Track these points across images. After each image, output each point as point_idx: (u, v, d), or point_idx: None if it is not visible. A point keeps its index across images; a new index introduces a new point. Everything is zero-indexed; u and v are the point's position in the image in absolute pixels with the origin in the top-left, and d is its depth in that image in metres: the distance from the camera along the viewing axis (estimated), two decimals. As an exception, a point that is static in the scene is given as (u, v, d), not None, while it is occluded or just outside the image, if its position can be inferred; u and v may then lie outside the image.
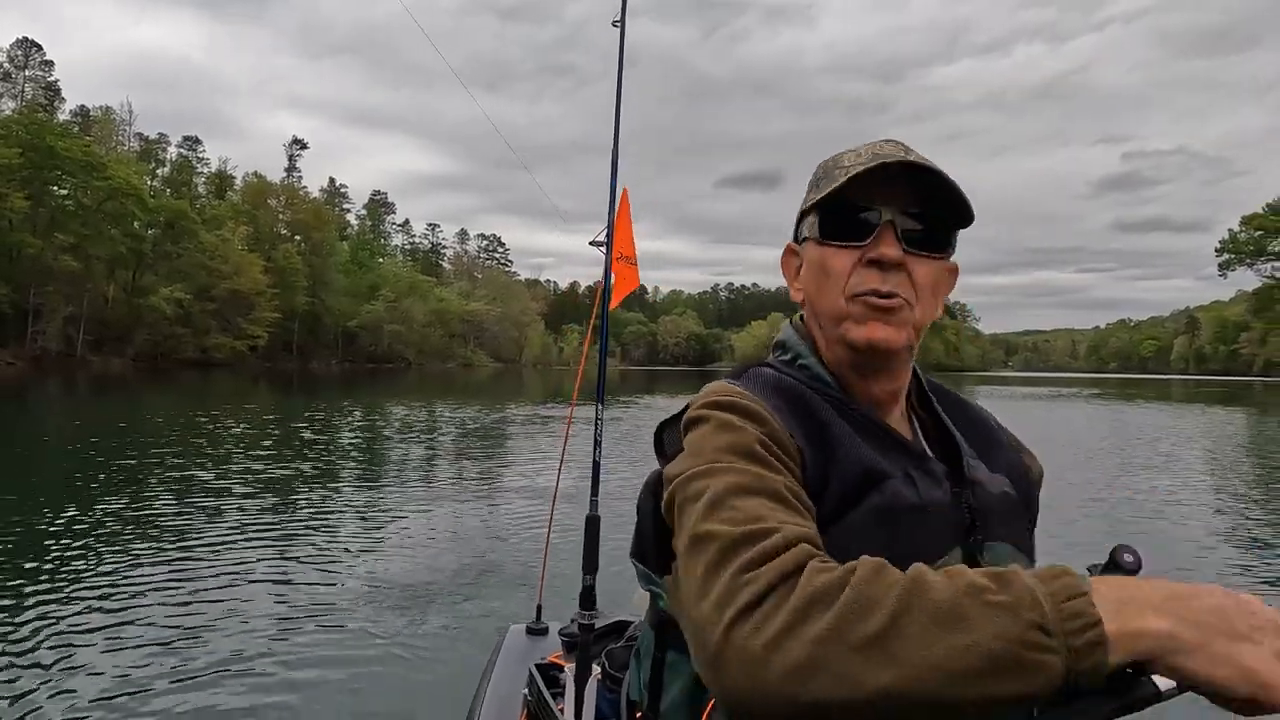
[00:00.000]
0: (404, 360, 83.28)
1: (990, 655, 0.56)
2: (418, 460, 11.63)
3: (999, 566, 0.64)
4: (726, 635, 0.61)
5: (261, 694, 3.36)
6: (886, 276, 0.87)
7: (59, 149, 48.38)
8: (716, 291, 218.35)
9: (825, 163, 0.95)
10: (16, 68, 65.04)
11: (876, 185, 0.86)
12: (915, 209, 0.88)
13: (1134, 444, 15.33)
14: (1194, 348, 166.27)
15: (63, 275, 49.57)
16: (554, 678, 1.90)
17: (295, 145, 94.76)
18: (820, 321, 0.93)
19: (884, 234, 0.87)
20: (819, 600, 0.60)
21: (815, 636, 0.58)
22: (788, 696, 0.58)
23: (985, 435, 1.00)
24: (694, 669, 0.72)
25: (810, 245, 0.93)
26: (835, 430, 0.86)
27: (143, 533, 6.27)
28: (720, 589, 0.64)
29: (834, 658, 0.57)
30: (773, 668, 0.58)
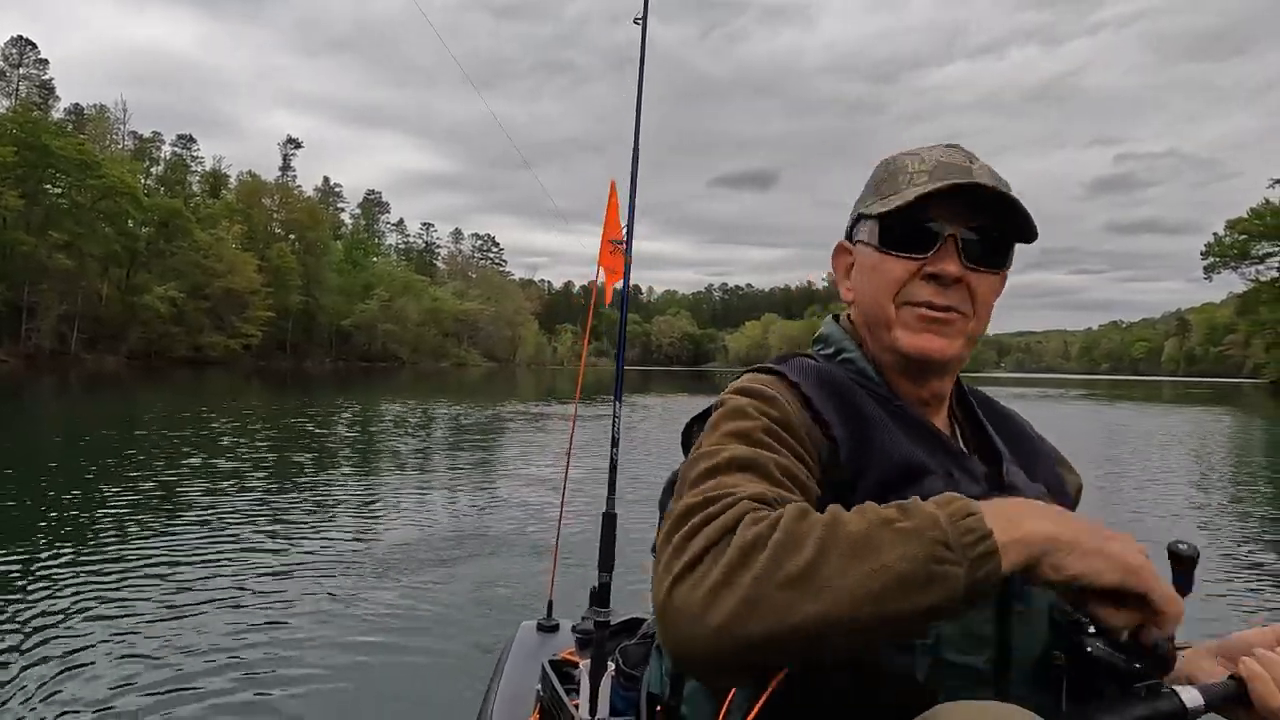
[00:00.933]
0: (398, 359, 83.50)
1: (900, 575, 0.62)
2: (421, 458, 11.66)
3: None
4: (670, 593, 0.66)
5: (270, 692, 3.36)
6: (944, 291, 0.88)
7: (53, 147, 48.54)
8: (710, 292, 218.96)
9: (886, 164, 0.95)
10: (11, 66, 65.18)
11: (940, 197, 0.86)
12: (978, 223, 0.88)
13: (1108, 442, 15.77)
14: (1184, 349, 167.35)
15: (57, 273, 49.70)
16: (568, 674, 1.91)
17: (290, 144, 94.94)
18: (871, 325, 0.94)
19: (945, 249, 0.87)
20: (751, 548, 0.65)
21: (748, 580, 0.63)
22: (728, 641, 0.62)
23: (1027, 445, 1.01)
24: None
25: (866, 249, 0.93)
26: (876, 422, 0.87)
27: (140, 530, 6.26)
28: (670, 552, 0.69)
29: (766, 596, 0.62)
30: (712, 616, 0.63)
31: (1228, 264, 52.78)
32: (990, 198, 0.86)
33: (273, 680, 3.47)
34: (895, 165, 0.93)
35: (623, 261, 2.89)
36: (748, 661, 0.65)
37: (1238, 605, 4.80)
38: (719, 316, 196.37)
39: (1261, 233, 50.45)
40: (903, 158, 0.93)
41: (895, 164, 0.93)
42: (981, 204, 0.87)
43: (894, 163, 0.94)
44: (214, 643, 3.88)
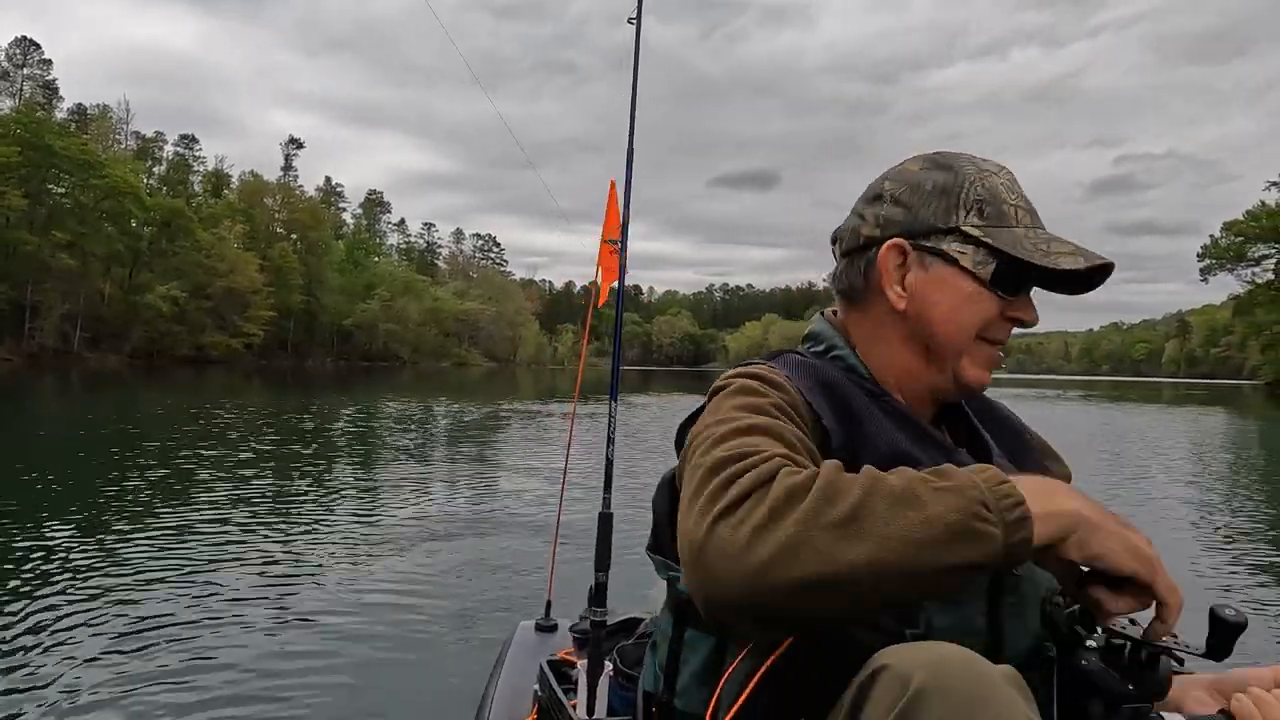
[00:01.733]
0: (399, 359, 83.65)
1: (947, 525, 0.63)
2: (418, 458, 11.56)
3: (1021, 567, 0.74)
4: (710, 531, 0.65)
5: (265, 690, 3.34)
6: (1009, 331, 0.91)
7: (57, 148, 48.78)
8: (711, 292, 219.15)
9: (977, 178, 0.91)
10: (15, 66, 65.36)
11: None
12: (1070, 278, 0.90)
13: (1096, 437, 15.92)
14: (1185, 351, 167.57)
15: (60, 273, 49.91)
16: (565, 674, 1.91)
17: (291, 145, 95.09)
18: (932, 346, 0.91)
19: (1027, 296, 0.91)
20: (795, 494, 0.65)
21: (795, 520, 0.63)
22: (773, 581, 0.62)
23: (1014, 438, 1.02)
24: (710, 643, 0.84)
25: (959, 273, 0.89)
26: (866, 416, 0.88)
27: (139, 526, 6.25)
28: (705, 498, 0.69)
29: (813, 538, 0.62)
30: (757, 553, 0.62)
31: (1224, 266, 52.96)
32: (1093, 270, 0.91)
33: (268, 679, 3.44)
34: (993, 189, 0.90)
35: (619, 261, 2.86)
36: (784, 607, 0.64)
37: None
38: (719, 317, 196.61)
39: (1257, 235, 50.61)
40: (991, 178, 0.91)
41: (989, 185, 0.91)
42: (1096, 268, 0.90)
43: (986, 182, 0.91)
44: (209, 639, 3.85)
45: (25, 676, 3.40)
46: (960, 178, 0.91)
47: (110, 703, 3.19)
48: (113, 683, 3.37)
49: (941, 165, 0.93)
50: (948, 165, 0.93)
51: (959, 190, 0.90)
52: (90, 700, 3.21)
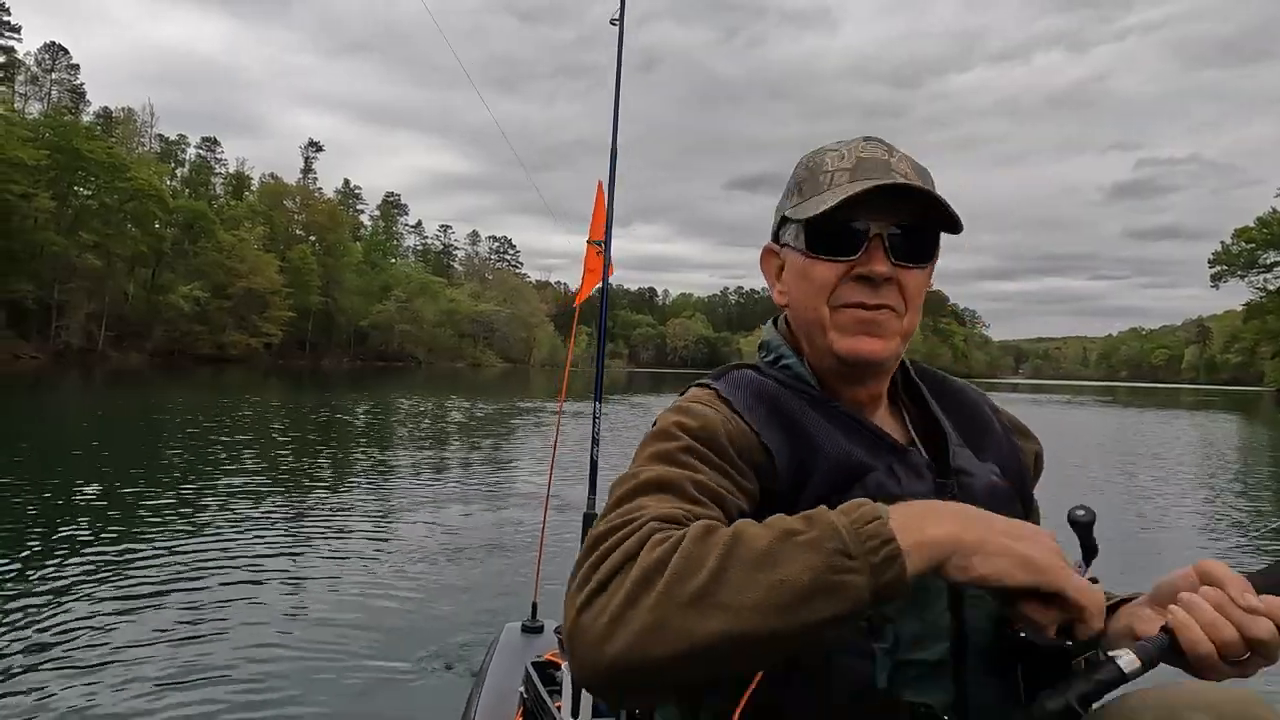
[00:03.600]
0: (414, 359, 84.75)
1: (801, 586, 0.63)
2: (413, 458, 11.59)
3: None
4: (576, 620, 0.66)
5: (252, 691, 3.35)
6: (875, 291, 0.87)
7: (84, 151, 50.18)
8: (726, 295, 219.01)
9: (806, 162, 0.94)
10: (44, 71, 67.04)
11: (864, 196, 0.85)
12: (904, 222, 0.87)
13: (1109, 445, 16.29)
14: (1205, 357, 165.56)
15: (85, 272, 51.31)
16: (551, 675, 1.91)
17: (311, 147, 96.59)
18: (806, 329, 0.93)
19: (873, 249, 0.87)
20: (653, 570, 0.65)
21: (650, 604, 0.64)
22: (635, 661, 0.63)
23: (977, 422, 1.01)
24: None
25: (794, 253, 0.92)
26: (814, 428, 0.88)
27: (136, 520, 6.42)
28: (580, 577, 0.70)
29: (669, 617, 0.63)
30: (616, 641, 0.63)
31: (1235, 272, 52.73)
32: (912, 193, 0.86)
33: (252, 680, 3.45)
34: (815, 163, 0.92)
35: (603, 262, 2.86)
36: (654, 683, 0.65)
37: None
38: (734, 320, 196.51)
39: (1268, 241, 50.36)
40: (822, 155, 0.92)
41: (815, 162, 0.92)
42: (904, 200, 0.86)
43: (814, 160, 0.93)
44: (201, 638, 3.89)
45: (32, 667, 3.48)
46: (796, 167, 0.95)
47: (94, 694, 3.23)
48: (99, 675, 3.43)
49: (802, 161, 0.96)
50: (805, 158, 0.96)
51: (792, 180, 0.95)
52: (78, 691, 3.28)
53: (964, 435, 0.97)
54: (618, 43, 2.73)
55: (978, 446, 0.97)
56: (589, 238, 2.87)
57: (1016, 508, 0.94)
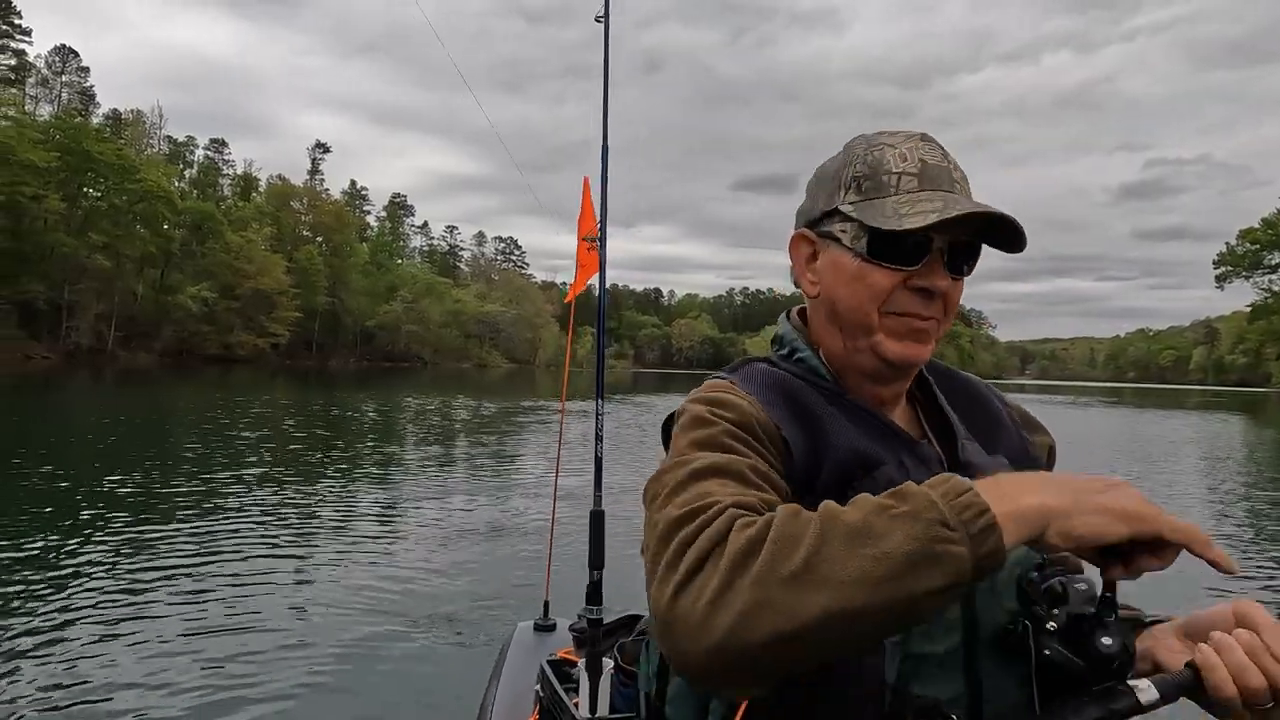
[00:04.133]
0: (420, 359, 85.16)
1: (905, 556, 0.62)
2: (422, 458, 11.66)
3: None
4: (672, 606, 0.66)
5: (269, 690, 3.34)
6: (928, 301, 0.88)
7: (94, 153, 50.65)
8: (731, 295, 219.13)
9: (863, 155, 0.90)
10: (54, 74, 67.63)
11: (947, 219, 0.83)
12: (967, 238, 0.87)
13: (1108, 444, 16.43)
14: (1213, 358, 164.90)
15: (95, 273, 51.79)
16: (566, 673, 1.91)
17: (318, 149, 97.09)
18: (844, 327, 0.92)
19: (933, 262, 0.86)
20: (748, 552, 0.65)
21: (751, 582, 0.63)
22: (738, 646, 0.62)
23: (987, 416, 1.01)
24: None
25: (845, 252, 0.90)
26: (827, 420, 0.88)
27: (151, 517, 6.50)
28: (664, 565, 0.69)
29: (771, 595, 0.62)
30: (717, 623, 0.63)
31: (1239, 273, 52.65)
32: (1005, 222, 0.85)
33: (272, 677, 3.45)
34: (875, 161, 0.89)
35: (597, 258, 2.85)
36: (759, 668, 0.64)
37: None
38: (739, 320, 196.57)
39: (1273, 242, 50.27)
40: (881, 150, 0.90)
41: (875, 159, 0.89)
42: (973, 221, 0.85)
43: (873, 156, 0.90)
44: (218, 638, 3.91)
45: (32, 664, 3.50)
46: (847, 157, 0.92)
47: (95, 691, 3.25)
48: (107, 661, 3.48)
49: (843, 149, 0.94)
50: (846, 148, 0.94)
51: (843, 170, 0.91)
52: (85, 675, 3.33)
53: (972, 429, 0.97)
54: (604, 40, 2.77)
55: (987, 440, 0.97)
56: (579, 234, 2.93)
57: None
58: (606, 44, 2.75)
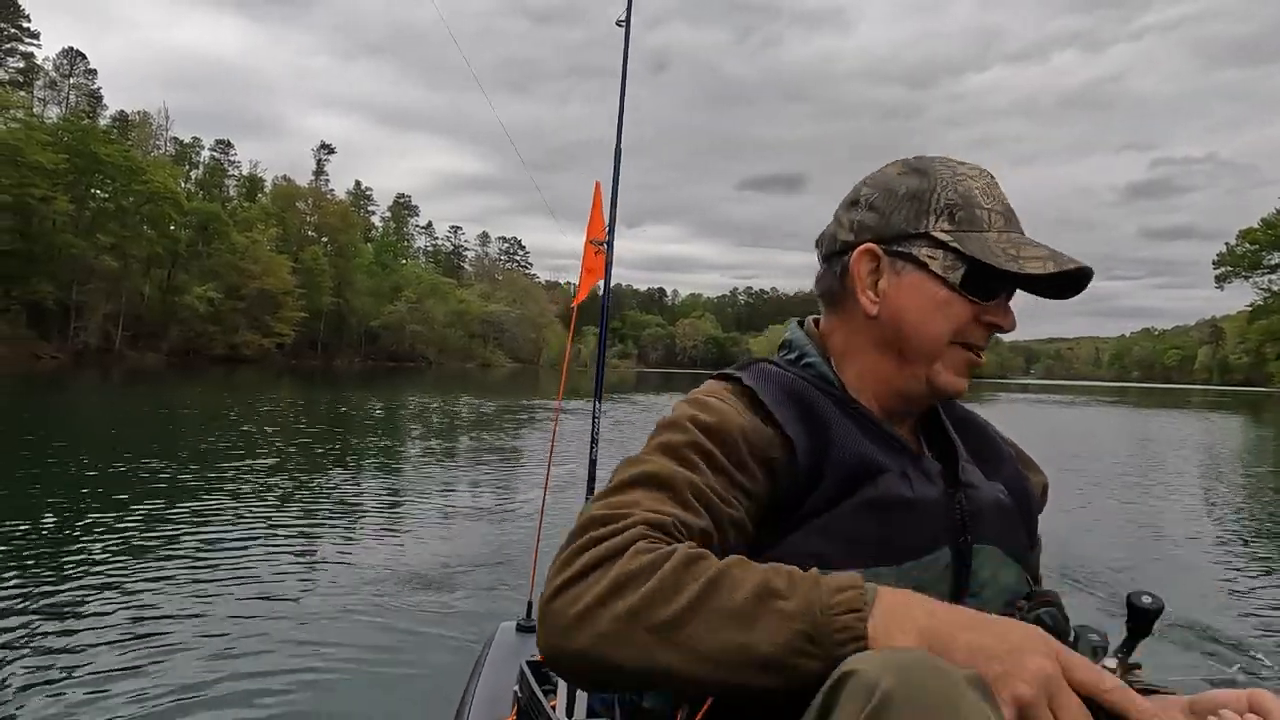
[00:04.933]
0: (424, 359, 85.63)
1: (759, 656, 0.64)
2: (414, 457, 11.61)
3: (982, 567, 0.81)
4: (550, 601, 0.69)
5: (242, 692, 3.31)
6: (989, 335, 0.89)
7: (102, 154, 51.21)
8: (735, 295, 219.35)
9: (951, 183, 0.89)
10: (62, 76, 68.22)
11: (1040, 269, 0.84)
12: (1040, 282, 0.88)
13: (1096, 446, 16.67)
14: (1218, 357, 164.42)
15: (103, 274, 52.31)
16: (546, 675, 1.91)
17: (323, 150, 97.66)
18: (907, 351, 0.90)
19: (1004, 302, 0.89)
20: (629, 581, 0.67)
21: (618, 614, 0.66)
22: (592, 659, 0.67)
23: (987, 446, 1.02)
24: None
25: (930, 279, 0.88)
26: (835, 425, 0.88)
27: (144, 511, 6.55)
28: (562, 559, 0.71)
29: (632, 635, 0.65)
30: (580, 635, 0.67)
31: (1239, 273, 52.78)
32: (1083, 275, 0.87)
33: (245, 679, 3.43)
34: (966, 192, 0.88)
35: (604, 262, 2.84)
36: (604, 681, 0.70)
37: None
38: (743, 320, 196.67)
39: (1272, 242, 50.38)
40: (966, 181, 0.89)
41: (964, 190, 0.89)
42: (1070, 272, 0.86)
43: (962, 187, 0.89)
44: (184, 632, 3.89)
45: (28, 660, 3.52)
46: (932, 181, 0.90)
47: (75, 689, 3.25)
48: (107, 659, 3.50)
49: (917, 170, 0.92)
50: (923, 170, 0.91)
51: (930, 194, 0.89)
52: (75, 678, 3.33)
53: (973, 453, 0.98)
54: (624, 44, 2.74)
55: (986, 466, 0.97)
56: (587, 237, 2.89)
57: (1021, 533, 0.95)
58: (626, 48, 2.71)
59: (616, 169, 2.69)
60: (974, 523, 0.89)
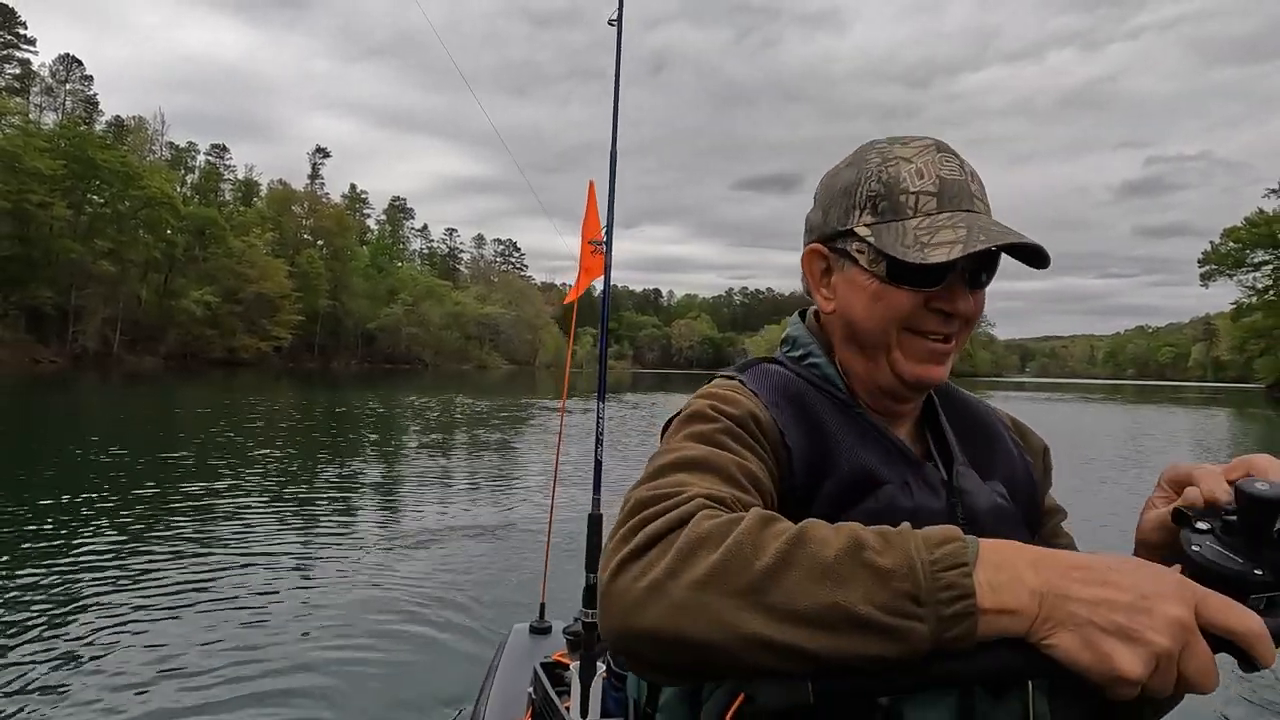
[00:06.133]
0: (421, 361, 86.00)
1: (855, 616, 0.57)
2: (419, 459, 11.65)
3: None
4: (614, 578, 0.63)
5: (264, 693, 3.32)
6: (948, 320, 0.86)
7: (99, 160, 51.54)
8: (731, 295, 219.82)
9: (877, 173, 0.86)
10: (58, 82, 68.48)
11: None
12: (988, 256, 0.84)
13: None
14: (1211, 354, 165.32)
15: (101, 278, 52.64)
16: (559, 676, 1.91)
17: (318, 154, 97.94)
18: (863, 345, 0.89)
19: (954, 283, 0.84)
20: (702, 545, 0.61)
21: (694, 581, 0.60)
22: (667, 636, 0.60)
23: (986, 438, 0.98)
24: None
25: (864, 274, 0.86)
26: (835, 432, 0.86)
27: (147, 520, 6.50)
28: (618, 538, 0.67)
29: (710, 602, 0.59)
30: (651, 610, 0.60)
31: (1223, 272, 53.35)
32: (1026, 249, 0.80)
33: (266, 680, 3.44)
34: (891, 179, 0.85)
35: (601, 261, 2.82)
36: (683, 664, 0.61)
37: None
38: (739, 320, 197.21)
39: (1255, 241, 50.96)
40: (896, 166, 0.85)
41: (890, 176, 0.85)
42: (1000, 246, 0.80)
43: (888, 174, 0.85)
44: (212, 638, 3.90)
45: (28, 660, 3.54)
46: (860, 174, 0.88)
47: (80, 696, 3.25)
48: (87, 677, 3.42)
49: (853, 161, 0.90)
50: (857, 160, 0.89)
51: (857, 188, 0.88)
52: (76, 678, 3.33)
53: (970, 454, 0.95)
54: (616, 43, 2.76)
55: (984, 465, 0.95)
56: (583, 237, 2.88)
57: (1021, 532, 0.92)
58: (619, 46, 2.76)
59: (613, 167, 2.72)
60: (973, 531, 0.81)
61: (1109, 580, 0.56)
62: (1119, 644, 0.54)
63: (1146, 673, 0.53)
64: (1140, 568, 0.57)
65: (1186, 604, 0.54)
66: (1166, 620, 0.54)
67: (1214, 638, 0.54)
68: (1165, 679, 0.54)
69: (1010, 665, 0.58)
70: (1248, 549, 0.58)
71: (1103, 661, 0.54)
